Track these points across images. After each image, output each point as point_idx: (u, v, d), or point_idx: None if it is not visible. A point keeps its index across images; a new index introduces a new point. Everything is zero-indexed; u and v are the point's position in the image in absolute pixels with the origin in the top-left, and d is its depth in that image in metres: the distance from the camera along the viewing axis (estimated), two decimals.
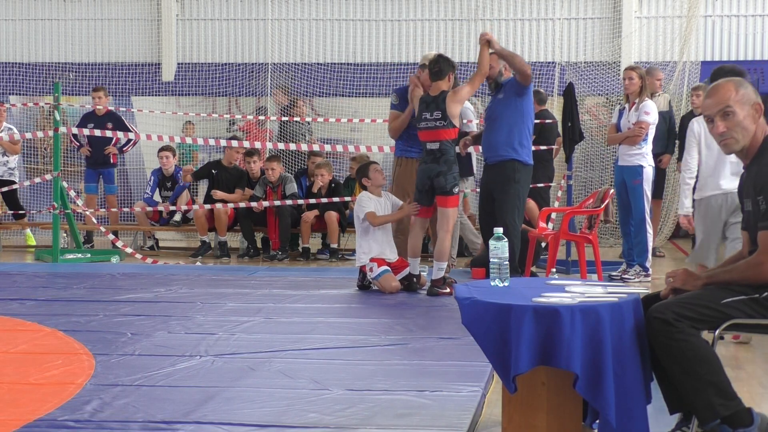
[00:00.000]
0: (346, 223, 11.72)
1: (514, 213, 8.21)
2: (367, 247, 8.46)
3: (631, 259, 9.52)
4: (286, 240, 11.47)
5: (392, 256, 8.53)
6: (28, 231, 12.89)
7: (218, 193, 11.79)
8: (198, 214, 11.75)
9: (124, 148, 12.82)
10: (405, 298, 8.07)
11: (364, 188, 8.71)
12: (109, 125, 12.30)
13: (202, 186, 12.81)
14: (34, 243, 12.75)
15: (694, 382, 3.77)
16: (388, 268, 8.39)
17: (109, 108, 12.81)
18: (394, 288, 8.30)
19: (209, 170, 12.10)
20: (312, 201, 11.47)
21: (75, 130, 12.29)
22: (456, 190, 8.16)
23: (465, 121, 10.06)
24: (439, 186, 8.10)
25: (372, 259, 8.40)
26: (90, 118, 12.59)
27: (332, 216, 11.34)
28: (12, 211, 12.43)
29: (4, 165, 12.39)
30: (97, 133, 11.96)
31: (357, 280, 8.59)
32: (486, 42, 8.18)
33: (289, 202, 11.37)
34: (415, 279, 8.39)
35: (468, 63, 14.32)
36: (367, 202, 8.51)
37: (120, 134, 12.19)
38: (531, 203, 10.05)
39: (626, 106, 9.63)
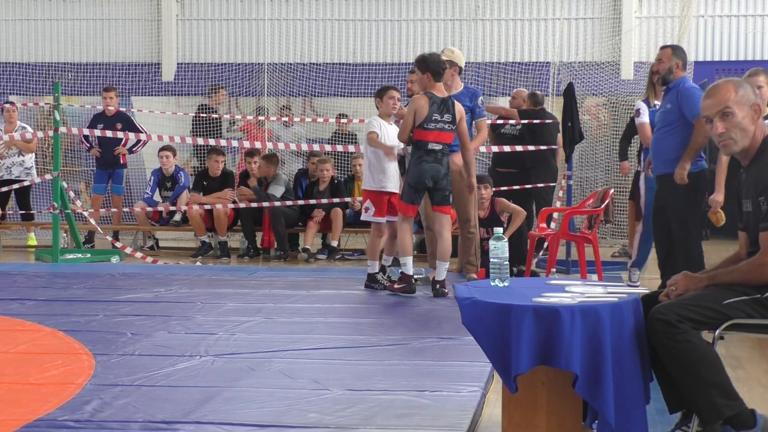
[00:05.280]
0: (346, 223, 11.72)
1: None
2: (371, 174, 8.61)
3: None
4: (282, 240, 11.45)
5: (393, 187, 8.63)
6: (32, 233, 12.85)
7: (198, 198, 11.88)
8: (193, 215, 11.76)
9: (134, 149, 12.82)
10: (405, 299, 8.07)
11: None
12: (119, 126, 12.29)
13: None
14: (35, 243, 12.74)
15: (697, 384, 3.77)
16: (383, 220, 8.58)
17: (119, 108, 12.80)
18: (377, 242, 8.59)
19: (202, 181, 12.15)
20: (312, 201, 11.47)
21: (86, 131, 12.26)
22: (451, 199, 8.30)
23: None
24: (443, 188, 8.14)
25: (370, 193, 8.56)
26: (100, 119, 12.57)
27: (338, 213, 11.38)
28: (21, 211, 12.40)
29: (21, 165, 12.38)
30: (108, 133, 11.94)
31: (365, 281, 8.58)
32: None
33: (277, 203, 11.35)
34: (415, 280, 8.36)
35: (468, 63, 14.32)
36: (374, 124, 8.66)
37: (131, 135, 12.20)
38: (503, 201, 9.97)
39: (649, 99, 8.78)
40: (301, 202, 11.51)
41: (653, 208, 7.78)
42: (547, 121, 11.34)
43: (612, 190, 9.62)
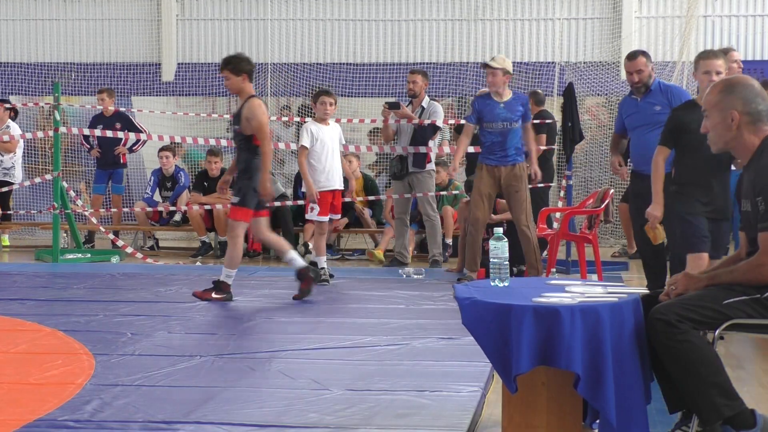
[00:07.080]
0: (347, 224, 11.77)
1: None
2: (315, 177, 8.88)
3: None
4: (292, 240, 11.45)
5: (335, 183, 8.98)
6: (5, 235, 12.69)
7: (198, 198, 11.91)
8: (193, 215, 11.76)
9: (134, 147, 12.81)
10: (405, 299, 8.06)
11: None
12: (118, 125, 12.28)
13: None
14: (7, 244, 12.63)
15: (697, 384, 3.77)
16: (326, 219, 8.94)
17: (117, 108, 12.79)
18: (320, 240, 8.88)
19: (202, 182, 12.16)
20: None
21: (87, 131, 12.24)
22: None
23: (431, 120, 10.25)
24: None
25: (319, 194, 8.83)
26: (99, 120, 12.56)
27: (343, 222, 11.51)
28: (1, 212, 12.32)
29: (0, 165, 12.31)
30: (108, 133, 11.93)
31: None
32: None
33: (283, 203, 11.36)
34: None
35: (468, 63, 14.33)
36: (305, 134, 8.92)
37: (131, 135, 12.20)
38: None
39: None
40: (301, 202, 11.49)
41: (635, 209, 7.32)
42: (548, 121, 11.34)
43: (612, 191, 9.63)
